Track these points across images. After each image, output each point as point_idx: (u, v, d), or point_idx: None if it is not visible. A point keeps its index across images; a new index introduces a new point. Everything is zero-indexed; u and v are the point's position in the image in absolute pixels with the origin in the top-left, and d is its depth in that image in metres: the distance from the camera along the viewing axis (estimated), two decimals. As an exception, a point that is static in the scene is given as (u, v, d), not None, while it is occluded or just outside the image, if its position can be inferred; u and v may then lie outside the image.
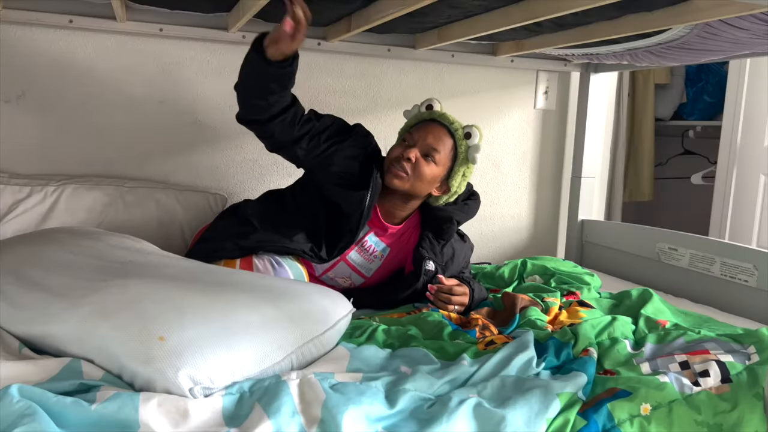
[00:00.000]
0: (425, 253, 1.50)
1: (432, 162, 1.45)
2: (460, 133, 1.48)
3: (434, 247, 1.54)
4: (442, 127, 1.48)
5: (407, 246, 1.56)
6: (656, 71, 2.97)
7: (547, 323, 1.34)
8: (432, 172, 1.46)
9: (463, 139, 1.48)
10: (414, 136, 1.48)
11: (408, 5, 1.23)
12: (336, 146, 1.45)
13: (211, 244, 1.43)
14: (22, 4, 1.54)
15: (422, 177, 1.45)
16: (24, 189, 1.57)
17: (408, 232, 1.57)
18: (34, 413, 0.76)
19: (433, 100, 1.53)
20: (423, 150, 1.46)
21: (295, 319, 1.05)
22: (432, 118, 1.50)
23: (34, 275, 1.11)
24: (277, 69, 1.28)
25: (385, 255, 1.55)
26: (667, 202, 3.37)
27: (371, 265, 1.54)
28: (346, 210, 1.44)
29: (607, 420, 0.93)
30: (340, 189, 1.43)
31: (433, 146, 1.45)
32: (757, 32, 1.28)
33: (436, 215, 1.54)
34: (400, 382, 0.97)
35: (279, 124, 1.37)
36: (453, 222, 1.54)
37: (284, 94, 1.35)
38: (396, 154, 1.47)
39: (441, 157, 1.46)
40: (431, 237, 1.54)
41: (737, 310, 1.61)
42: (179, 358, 0.87)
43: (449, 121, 1.49)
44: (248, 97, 1.36)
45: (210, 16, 1.68)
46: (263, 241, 1.39)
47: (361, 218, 1.43)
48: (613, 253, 2.08)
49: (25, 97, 1.65)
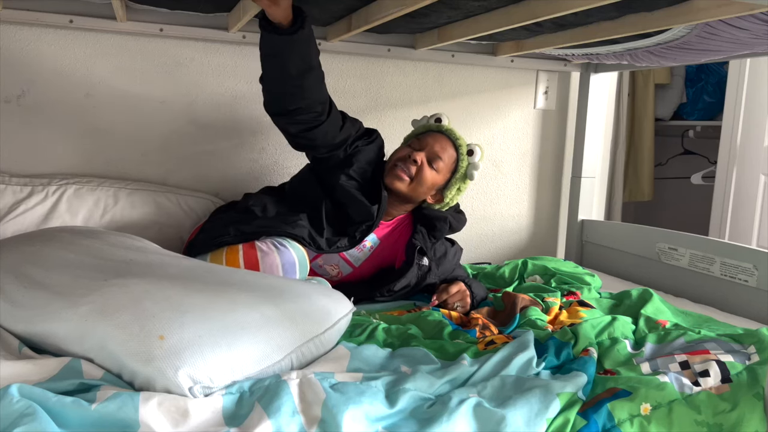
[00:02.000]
0: (418, 243, 1.54)
1: (434, 169, 1.51)
2: (464, 148, 1.55)
3: (426, 242, 1.57)
4: (448, 139, 1.55)
5: (397, 241, 1.61)
6: (656, 71, 2.97)
7: (547, 323, 1.34)
8: (433, 178, 1.52)
9: (466, 156, 1.55)
10: (421, 141, 1.54)
11: (408, 5, 1.23)
12: (361, 147, 1.51)
13: (212, 232, 1.44)
14: (22, 4, 1.54)
15: (423, 181, 1.51)
16: (25, 189, 1.57)
17: (399, 228, 1.61)
18: (34, 413, 0.76)
19: (442, 114, 1.60)
20: (428, 155, 1.52)
21: (295, 319, 1.05)
22: (440, 130, 1.57)
23: (35, 274, 1.11)
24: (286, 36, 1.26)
25: (374, 247, 1.59)
26: (667, 202, 3.37)
27: (360, 255, 1.58)
28: (354, 216, 1.48)
29: (607, 420, 0.93)
30: (351, 195, 1.46)
31: (438, 154, 1.52)
32: (757, 32, 1.28)
33: (431, 213, 1.58)
34: (400, 382, 0.97)
35: (323, 130, 1.41)
36: (447, 221, 1.59)
37: (317, 71, 1.35)
38: (402, 154, 1.53)
39: (443, 166, 1.52)
40: (424, 232, 1.58)
41: (737, 310, 1.62)
42: (179, 357, 0.87)
43: (455, 136, 1.56)
44: (279, 84, 1.35)
45: (210, 16, 1.68)
46: (265, 227, 1.41)
47: (368, 231, 1.49)
48: (613, 253, 2.08)
49: (25, 97, 1.65)
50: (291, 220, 1.43)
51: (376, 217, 1.47)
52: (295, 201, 1.52)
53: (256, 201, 1.50)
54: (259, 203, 1.49)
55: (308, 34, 1.29)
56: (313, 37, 1.32)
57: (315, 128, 1.41)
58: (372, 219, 1.47)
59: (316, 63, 1.35)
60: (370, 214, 1.47)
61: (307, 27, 1.28)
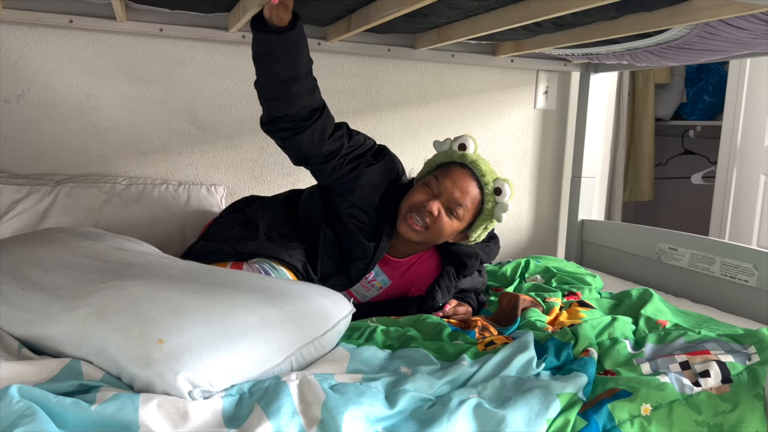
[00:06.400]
0: (438, 298, 1.42)
1: (454, 218, 1.36)
2: (490, 187, 1.37)
3: (450, 285, 1.45)
4: (472, 178, 1.37)
5: (414, 276, 1.49)
6: (656, 71, 2.97)
7: (547, 324, 1.34)
8: (452, 227, 1.38)
9: (492, 195, 1.37)
10: (440, 184, 1.36)
11: (408, 5, 1.23)
12: (362, 169, 1.37)
13: (211, 245, 1.42)
14: (22, 4, 1.54)
15: (440, 232, 1.37)
16: (22, 189, 1.57)
17: (416, 264, 1.49)
18: (33, 413, 0.75)
19: (467, 138, 1.39)
20: (447, 203, 1.35)
21: (294, 321, 1.04)
22: (463, 163, 1.38)
23: (33, 276, 1.10)
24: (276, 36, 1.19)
25: (384, 287, 1.48)
26: (667, 202, 3.37)
27: (368, 293, 1.48)
28: (353, 252, 1.39)
29: (607, 420, 0.93)
30: (350, 232, 1.37)
31: (459, 200, 1.35)
32: (757, 32, 1.28)
33: (460, 250, 1.46)
34: (400, 383, 0.97)
35: (309, 134, 1.29)
36: (478, 258, 1.46)
37: (304, 81, 1.25)
38: (418, 201, 1.36)
39: (463, 213, 1.37)
40: (453, 274, 1.45)
41: (737, 310, 1.61)
42: (178, 361, 0.87)
43: (481, 172, 1.37)
44: (268, 88, 1.26)
45: (210, 16, 1.68)
46: (262, 249, 1.35)
47: (365, 271, 1.39)
48: (613, 253, 2.08)
49: (25, 97, 1.65)
50: (290, 246, 1.35)
51: (373, 258, 1.36)
52: (302, 221, 1.44)
53: (265, 216, 1.43)
54: (267, 219, 1.42)
55: (299, 36, 1.22)
56: (304, 41, 1.24)
57: (301, 132, 1.28)
58: (369, 257, 1.36)
59: (306, 70, 1.26)
60: (367, 252, 1.35)
61: (298, 28, 1.21)
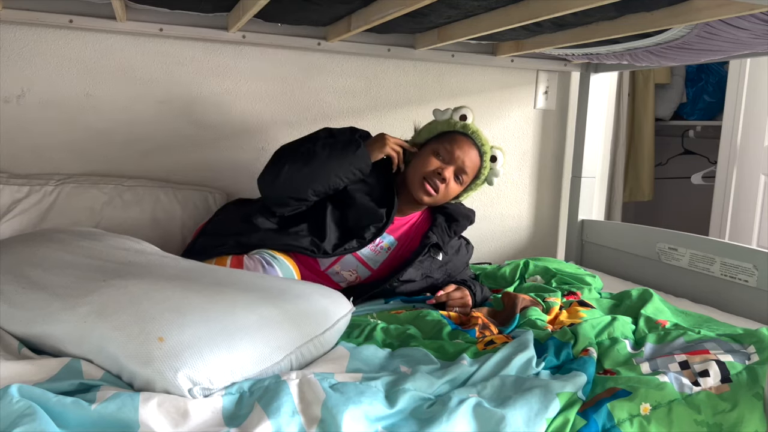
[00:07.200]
0: (433, 238, 1.52)
1: (459, 182, 1.50)
2: (487, 156, 1.52)
3: (443, 235, 1.55)
4: (473, 145, 1.50)
5: (415, 237, 1.57)
6: (656, 71, 2.97)
7: (547, 323, 1.34)
8: (456, 190, 1.52)
9: (488, 162, 1.52)
10: (449, 151, 1.48)
11: (408, 5, 1.23)
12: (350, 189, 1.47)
13: (212, 239, 1.43)
14: (22, 4, 1.54)
15: (448, 196, 1.51)
16: (23, 189, 1.57)
17: (416, 223, 1.59)
18: (34, 413, 0.76)
19: (467, 109, 1.52)
20: (456, 170, 1.49)
21: (294, 319, 1.05)
22: (465, 133, 1.51)
23: (33, 275, 1.11)
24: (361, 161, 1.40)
25: (392, 248, 1.55)
26: (667, 202, 3.37)
27: (378, 258, 1.54)
28: (363, 220, 1.46)
29: (606, 420, 0.93)
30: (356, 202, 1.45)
31: (466, 168, 1.49)
32: (757, 32, 1.28)
33: (455, 210, 1.59)
34: (399, 382, 0.97)
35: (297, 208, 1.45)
36: (469, 219, 1.60)
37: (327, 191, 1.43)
38: (432, 168, 1.47)
39: (467, 179, 1.52)
40: (444, 226, 1.57)
41: (737, 310, 1.61)
42: (178, 359, 0.87)
43: (481, 141, 1.51)
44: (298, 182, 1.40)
45: (210, 16, 1.68)
46: (265, 239, 1.39)
47: (379, 232, 1.46)
48: (613, 253, 2.08)
49: (25, 97, 1.65)
50: (292, 231, 1.41)
51: (386, 221, 1.46)
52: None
53: (264, 209, 1.47)
54: (262, 212, 1.46)
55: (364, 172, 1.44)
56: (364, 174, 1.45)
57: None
58: (381, 221, 1.45)
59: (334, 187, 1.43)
60: (379, 217, 1.45)
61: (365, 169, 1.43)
